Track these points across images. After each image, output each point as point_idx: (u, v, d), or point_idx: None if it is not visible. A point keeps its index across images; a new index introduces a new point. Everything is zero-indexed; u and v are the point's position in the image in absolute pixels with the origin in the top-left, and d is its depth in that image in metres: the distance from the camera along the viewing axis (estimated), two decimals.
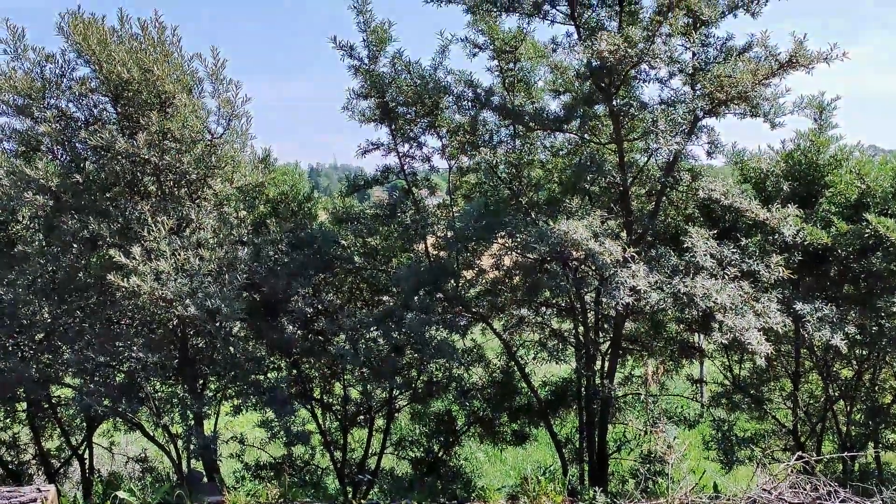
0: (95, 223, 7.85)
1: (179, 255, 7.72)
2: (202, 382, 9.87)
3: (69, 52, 8.17)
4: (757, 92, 8.03)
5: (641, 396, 11.61)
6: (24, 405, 10.98)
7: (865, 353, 9.50)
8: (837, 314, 8.10)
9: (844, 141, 9.20)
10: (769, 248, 8.38)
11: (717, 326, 7.58)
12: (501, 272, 10.70)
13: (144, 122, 7.99)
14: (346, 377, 11.09)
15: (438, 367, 10.78)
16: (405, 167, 10.27)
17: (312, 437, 10.36)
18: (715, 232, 8.15)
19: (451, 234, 9.60)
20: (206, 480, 9.33)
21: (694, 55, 8.57)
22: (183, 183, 8.63)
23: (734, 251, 8.05)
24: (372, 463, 11.34)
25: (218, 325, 8.24)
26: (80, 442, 11.62)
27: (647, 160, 9.53)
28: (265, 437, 10.89)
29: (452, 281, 9.77)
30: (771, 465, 9.74)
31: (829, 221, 8.66)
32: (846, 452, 8.98)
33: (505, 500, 8.43)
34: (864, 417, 9.65)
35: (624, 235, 9.14)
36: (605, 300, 8.52)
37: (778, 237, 8.24)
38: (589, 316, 10.40)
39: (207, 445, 8.72)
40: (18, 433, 11.74)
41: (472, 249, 10.11)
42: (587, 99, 9.06)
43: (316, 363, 11.03)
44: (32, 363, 8.66)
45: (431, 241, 10.37)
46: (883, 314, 8.47)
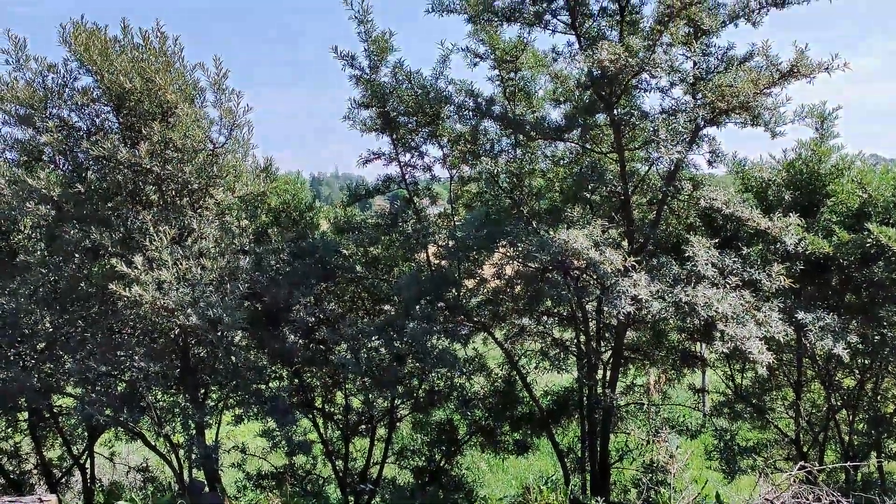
0: (97, 233, 7.85)
1: (181, 264, 7.73)
2: (204, 392, 9.86)
3: (71, 61, 8.19)
4: (758, 101, 8.02)
5: (643, 406, 11.60)
6: (25, 415, 10.97)
7: (868, 362, 9.48)
8: (839, 323, 8.07)
9: (846, 150, 9.20)
10: (771, 257, 8.38)
11: (718, 335, 7.56)
12: (503, 281, 10.68)
13: (146, 131, 8.00)
14: (347, 386, 11.08)
15: (440, 376, 10.74)
16: (406, 177, 10.27)
17: (314, 446, 10.34)
18: (716, 241, 8.13)
19: (452, 243, 9.59)
20: (207, 490, 9.31)
21: (695, 64, 8.57)
22: (185, 192, 8.64)
23: (736, 260, 8.04)
24: (374, 472, 11.31)
25: (219, 334, 8.23)
26: (81, 451, 11.60)
27: (648, 169, 9.54)
28: (267, 446, 10.85)
29: (454, 290, 9.76)
30: (773, 474, 9.73)
31: (830, 231, 8.65)
32: (849, 462, 8.96)
33: None
34: (866, 427, 9.62)
35: (625, 244, 9.14)
36: (606, 309, 8.51)
37: (779, 246, 8.23)
38: (590, 325, 10.38)
39: (209, 455, 8.70)
40: (20, 443, 11.71)
41: (473, 259, 10.10)
42: (588, 108, 9.06)
43: (317, 372, 11.02)
44: (34, 373, 8.65)
45: (433, 250, 10.35)
46: (885, 323, 8.46)
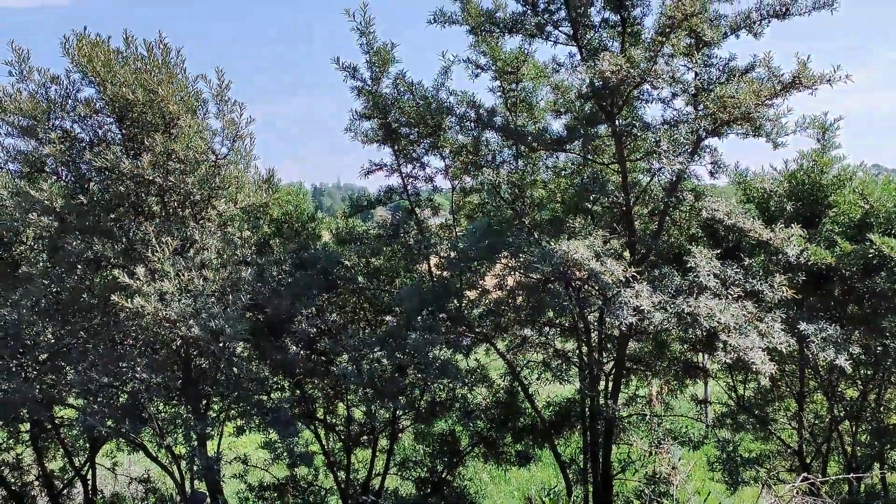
0: (100, 244, 7.86)
1: (183, 275, 7.73)
2: (205, 403, 9.85)
3: (74, 73, 8.23)
4: (759, 112, 8.02)
5: (646, 417, 11.56)
6: (27, 426, 10.97)
7: (870, 373, 9.46)
8: (842, 334, 8.05)
9: (848, 161, 9.21)
10: (773, 267, 8.37)
11: (721, 346, 7.54)
12: (504, 292, 10.68)
13: (149, 142, 8.03)
14: (349, 397, 11.07)
15: (442, 387, 10.74)
16: (408, 187, 10.27)
17: (316, 457, 10.32)
18: (718, 252, 8.13)
19: (454, 254, 9.59)
20: (209, 501, 9.30)
21: (696, 75, 8.58)
22: (187, 203, 8.66)
23: (738, 271, 8.03)
24: (376, 483, 11.28)
25: (221, 345, 8.22)
26: (83, 463, 11.60)
27: (650, 180, 9.54)
28: (268, 457, 10.84)
29: (455, 301, 9.76)
30: (776, 486, 9.70)
31: (832, 241, 8.64)
32: (852, 473, 8.93)
33: None
34: (869, 438, 9.59)
35: (627, 255, 9.14)
36: (608, 320, 8.51)
37: (781, 257, 8.22)
38: (592, 336, 10.37)
39: (210, 466, 8.68)
40: (22, 454, 11.71)
41: (475, 269, 10.10)
42: (589, 119, 9.07)
43: (319, 383, 11.02)
44: (36, 384, 8.65)
45: (434, 261, 10.35)
46: (887, 334, 8.44)
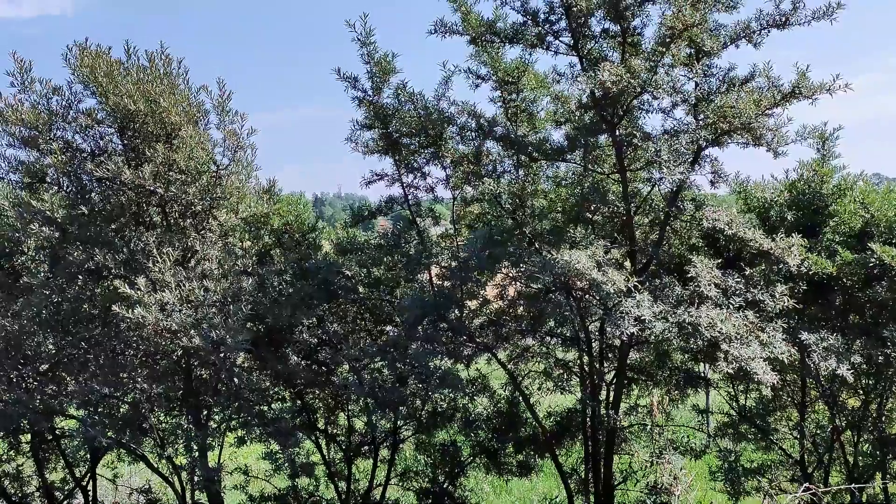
0: (100, 254, 7.85)
1: (184, 286, 7.72)
2: (206, 413, 9.82)
3: (75, 83, 8.22)
4: (760, 122, 8.03)
5: (647, 427, 11.54)
6: (28, 437, 10.95)
7: (872, 382, 9.45)
8: (843, 344, 8.04)
9: (848, 170, 9.23)
10: (774, 277, 8.36)
11: (722, 356, 7.53)
12: (506, 302, 10.67)
13: (150, 153, 8.03)
14: (350, 407, 11.06)
15: (443, 397, 10.72)
16: (409, 197, 10.27)
17: (317, 468, 10.30)
18: (719, 261, 8.13)
19: (455, 263, 9.59)
20: None
21: (697, 85, 8.59)
22: (188, 214, 8.66)
23: (739, 281, 8.03)
24: (377, 494, 11.25)
25: (222, 356, 8.22)
26: (83, 474, 11.57)
27: (650, 190, 9.55)
28: (269, 468, 10.82)
29: (456, 311, 9.75)
30: (778, 496, 9.68)
31: (833, 251, 8.64)
32: (854, 483, 8.91)
33: None
34: (871, 448, 9.58)
35: (628, 265, 9.14)
36: (609, 330, 8.48)
37: (782, 267, 8.21)
38: (594, 346, 10.36)
39: (211, 477, 8.67)
40: (22, 465, 11.68)
41: (476, 279, 10.10)
42: (590, 129, 9.08)
43: (320, 394, 11.00)
44: (37, 394, 8.64)
45: (435, 270, 10.34)
46: (889, 343, 8.42)
